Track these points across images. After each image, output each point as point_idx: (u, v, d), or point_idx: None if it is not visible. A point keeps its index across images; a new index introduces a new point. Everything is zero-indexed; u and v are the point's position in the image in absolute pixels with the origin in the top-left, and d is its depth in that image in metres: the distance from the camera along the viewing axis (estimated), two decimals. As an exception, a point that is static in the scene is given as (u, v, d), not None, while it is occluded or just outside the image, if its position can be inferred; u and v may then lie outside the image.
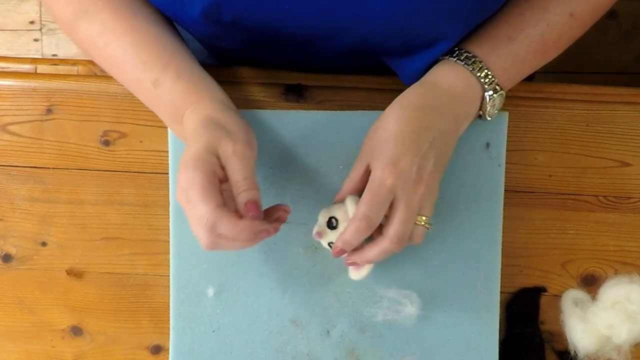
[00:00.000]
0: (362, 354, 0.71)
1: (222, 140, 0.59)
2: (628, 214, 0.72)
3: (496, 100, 0.65)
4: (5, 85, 0.72)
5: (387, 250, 0.60)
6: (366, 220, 0.59)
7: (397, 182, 0.59)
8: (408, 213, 0.59)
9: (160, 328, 0.73)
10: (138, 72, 0.63)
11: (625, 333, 0.69)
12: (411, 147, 0.60)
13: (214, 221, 0.55)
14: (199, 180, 0.56)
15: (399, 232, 0.59)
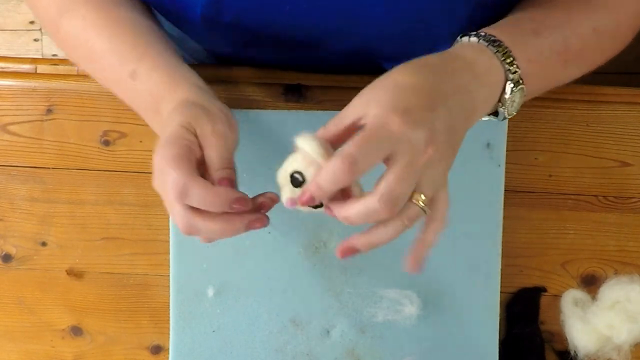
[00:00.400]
0: (362, 354, 0.70)
1: (200, 119, 0.55)
2: (628, 214, 0.72)
3: (516, 96, 0.56)
4: (5, 85, 0.72)
5: (372, 210, 0.48)
6: (350, 161, 0.47)
7: (406, 129, 0.47)
8: (409, 171, 0.48)
9: (160, 328, 0.73)
10: (116, 65, 0.61)
11: (625, 333, 0.69)
12: (426, 101, 0.49)
13: (184, 185, 0.50)
14: (173, 151, 0.52)
15: (391, 190, 0.48)
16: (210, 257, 0.70)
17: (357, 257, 0.70)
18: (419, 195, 0.50)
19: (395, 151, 0.48)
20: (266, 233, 0.69)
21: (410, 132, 0.48)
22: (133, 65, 0.60)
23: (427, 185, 0.50)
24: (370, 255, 0.70)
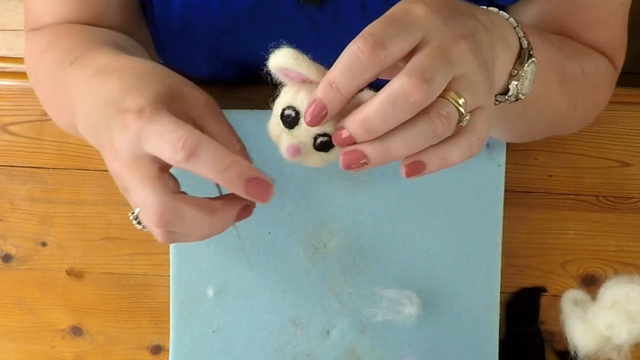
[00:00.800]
0: (362, 354, 0.70)
1: (186, 87, 0.45)
2: (628, 214, 0.72)
3: (528, 71, 0.48)
4: (5, 85, 0.72)
5: (400, 92, 0.38)
6: (375, 40, 0.37)
7: (432, 16, 0.40)
8: (440, 52, 0.39)
9: (160, 328, 0.73)
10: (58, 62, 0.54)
11: (625, 333, 0.69)
12: (449, 5, 0.43)
13: (197, 142, 0.40)
14: (167, 113, 0.42)
15: (423, 65, 0.38)
16: (210, 257, 0.70)
17: (358, 257, 0.70)
18: (456, 95, 0.40)
19: (425, 36, 0.40)
20: (266, 233, 0.69)
21: (439, 19, 0.40)
22: (78, 53, 0.53)
23: (467, 88, 0.40)
24: (370, 255, 0.70)
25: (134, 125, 0.41)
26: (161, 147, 0.40)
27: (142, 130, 0.41)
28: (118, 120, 0.42)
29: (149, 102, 0.42)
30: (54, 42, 0.60)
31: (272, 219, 0.69)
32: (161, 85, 0.43)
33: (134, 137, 0.41)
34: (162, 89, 0.43)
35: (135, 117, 0.41)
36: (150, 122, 0.40)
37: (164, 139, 0.40)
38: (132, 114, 0.41)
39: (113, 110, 0.42)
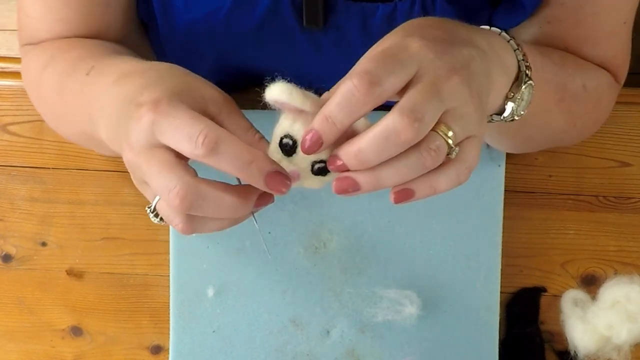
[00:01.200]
0: (362, 354, 0.70)
1: (202, 85, 0.45)
2: (628, 214, 0.72)
3: (525, 93, 0.49)
4: (5, 85, 0.72)
5: (392, 127, 0.39)
6: (370, 78, 0.39)
7: (426, 51, 0.41)
8: (431, 87, 0.40)
9: (160, 328, 0.73)
10: (69, 75, 0.56)
11: (625, 333, 0.69)
12: (444, 34, 0.44)
13: (217, 137, 0.40)
14: (183, 106, 0.41)
15: (414, 105, 0.39)
16: (210, 257, 0.70)
17: (358, 257, 0.70)
18: (446, 128, 0.41)
19: (418, 72, 0.41)
20: (266, 233, 0.69)
21: (432, 54, 0.41)
22: (93, 62, 0.54)
23: (456, 121, 0.41)
24: (371, 255, 0.70)
25: (148, 116, 0.41)
26: (179, 141, 0.40)
27: (157, 120, 0.41)
28: (134, 114, 0.42)
29: (166, 94, 0.42)
30: (57, 56, 0.60)
31: (272, 219, 0.69)
32: (179, 81, 0.44)
33: (148, 127, 0.41)
34: (180, 85, 0.44)
35: (150, 108, 0.41)
36: (166, 114, 0.41)
37: (182, 133, 0.40)
38: (147, 105, 0.41)
39: (131, 105, 0.43)
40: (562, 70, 0.58)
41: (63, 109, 0.59)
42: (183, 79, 0.45)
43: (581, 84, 0.60)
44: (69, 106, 0.57)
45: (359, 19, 0.62)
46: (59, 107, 0.60)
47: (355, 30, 0.62)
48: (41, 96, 0.63)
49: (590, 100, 0.61)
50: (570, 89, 0.59)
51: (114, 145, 0.47)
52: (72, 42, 0.62)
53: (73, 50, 0.60)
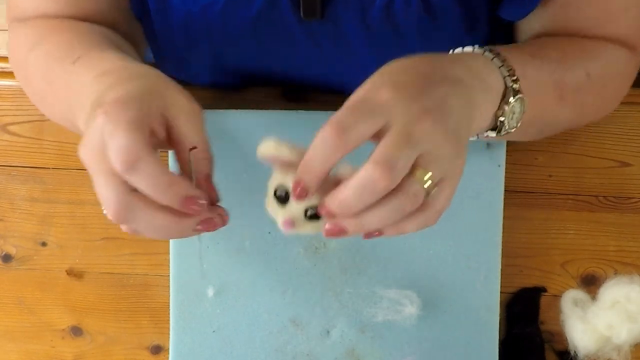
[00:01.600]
0: (362, 354, 0.71)
1: (170, 90, 0.46)
2: (628, 214, 0.72)
3: (516, 107, 0.52)
4: (5, 85, 0.72)
5: (369, 179, 0.42)
6: (339, 127, 0.42)
7: (396, 99, 0.43)
8: (403, 137, 0.43)
9: (160, 328, 0.73)
10: (63, 59, 0.55)
11: (625, 333, 0.69)
12: (418, 79, 0.46)
13: (137, 156, 0.41)
14: (129, 115, 0.42)
15: (387, 154, 0.42)
16: (210, 257, 0.70)
17: (358, 257, 0.70)
18: (423, 171, 0.44)
19: (388, 123, 0.43)
20: (266, 233, 0.69)
21: (402, 102, 0.43)
22: (79, 52, 0.54)
23: (432, 163, 0.44)
24: (371, 255, 0.70)
25: (100, 118, 0.42)
26: (110, 151, 0.42)
27: (104, 124, 0.42)
28: (94, 113, 0.43)
29: (123, 98, 0.43)
30: (46, 37, 0.60)
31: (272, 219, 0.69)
32: (144, 83, 0.45)
33: (99, 129, 0.42)
34: (145, 87, 0.45)
35: (103, 110, 0.42)
36: (111, 119, 0.42)
37: (113, 144, 0.41)
38: (103, 107, 0.43)
39: (95, 104, 0.44)
40: (560, 66, 0.59)
41: (48, 93, 0.59)
42: (151, 80, 0.46)
43: (584, 74, 0.60)
44: (53, 91, 0.57)
45: (358, 10, 0.61)
46: (44, 91, 0.60)
47: (353, 22, 0.62)
48: (27, 76, 0.63)
49: (594, 87, 0.61)
50: (570, 82, 0.59)
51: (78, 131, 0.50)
52: (62, 24, 0.62)
53: (62, 34, 0.60)
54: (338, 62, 0.60)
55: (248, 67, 0.65)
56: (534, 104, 0.54)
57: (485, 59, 0.52)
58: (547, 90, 0.57)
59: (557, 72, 0.58)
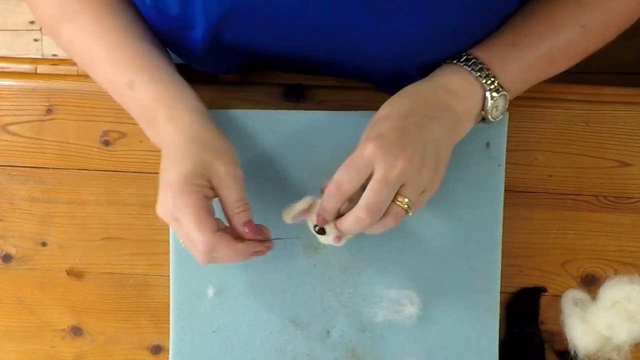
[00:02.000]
0: (362, 354, 0.71)
1: (213, 162, 0.59)
2: (628, 214, 0.72)
3: (499, 102, 0.64)
4: (5, 85, 0.72)
5: (360, 219, 0.59)
6: (337, 185, 0.59)
7: (377, 151, 0.58)
8: (383, 183, 0.58)
9: (160, 328, 0.73)
10: (111, 73, 0.63)
11: (625, 333, 0.69)
12: (397, 124, 0.59)
13: (212, 247, 0.57)
14: (191, 206, 0.57)
15: (370, 201, 0.58)
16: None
17: (358, 257, 0.70)
18: (403, 198, 0.59)
19: (373, 170, 0.58)
20: (266, 233, 0.69)
21: (381, 151, 0.58)
22: (130, 75, 0.62)
23: (410, 190, 0.59)
24: (371, 255, 0.70)
25: (169, 205, 0.58)
26: (186, 240, 0.60)
27: (174, 212, 0.58)
28: (162, 192, 0.59)
29: (179, 184, 0.57)
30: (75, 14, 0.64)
31: (272, 219, 0.69)
32: (192, 163, 0.58)
33: (171, 212, 0.58)
34: (191, 168, 0.58)
35: (171, 198, 0.57)
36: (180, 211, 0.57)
37: (188, 235, 0.58)
38: (170, 193, 0.57)
39: (161, 180, 0.59)
40: (546, 35, 0.64)
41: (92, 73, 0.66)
42: (197, 157, 0.58)
43: (578, 28, 0.64)
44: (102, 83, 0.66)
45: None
46: (89, 69, 0.66)
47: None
48: (62, 44, 0.67)
49: (591, 36, 0.65)
50: (560, 45, 0.64)
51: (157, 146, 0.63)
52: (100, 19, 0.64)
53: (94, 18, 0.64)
54: (337, 29, 0.60)
55: (245, 45, 0.64)
56: (523, 83, 0.66)
57: (462, 72, 0.63)
58: (533, 68, 0.65)
59: (542, 44, 0.64)
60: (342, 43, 0.61)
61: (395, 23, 0.58)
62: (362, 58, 0.63)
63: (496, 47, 0.64)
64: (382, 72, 0.66)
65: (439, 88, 0.62)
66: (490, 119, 0.65)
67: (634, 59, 1.21)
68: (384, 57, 0.62)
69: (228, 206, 0.59)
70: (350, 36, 0.60)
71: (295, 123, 0.69)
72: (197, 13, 0.60)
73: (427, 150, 0.59)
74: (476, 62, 0.63)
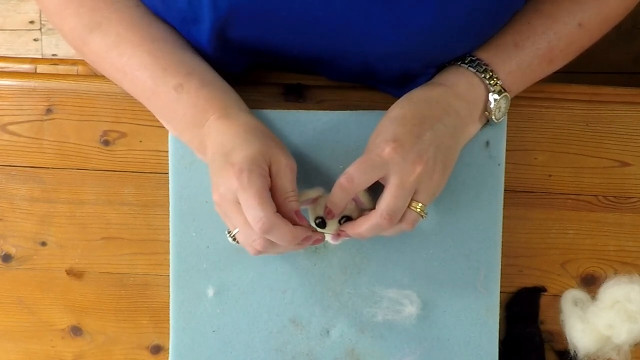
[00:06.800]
0: (362, 354, 0.71)
1: (275, 150, 0.60)
2: (628, 214, 0.72)
3: (502, 103, 0.65)
4: (5, 85, 0.72)
5: (378, 225, 0.60)
6: (348, 179, 0.59)
7: (395, 156, 0.59)
8: (401, 189, 0.59)
9: (160, 328, 0.73)
10: (157, 79, 0.63)
11: (625, 333, 0.69)
12: (414, 129, 0.60)
13: (271, 226, 0.57)
14: (257, 184, 0.57)
15: (390, 207, 0.59)
16: (210, 257, 0.70)
17: (358, 257, 0.70)
18: (417, 204, 0.61)
19: (389, 174, 0.59)
20: (266, 233, 0.69)
21: (399, 157, 0.59)
22: (180, 79, 0.62)
23: (424, 195, 0.61)
24: (371, 255, 0.70)
25: (233, 182, 0.57)
26: (247, 215, 0.58)
27: (239, 190, 0.57)
28: (224, 172, 0.58)
29: (247, 163, 0.57)
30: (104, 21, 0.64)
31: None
32: (259, 146, 0.59)
33: (233, 191, 0.57)
34: (259, 150, 0.59)
35: (235, 175, 0.57)
36: (244, 188, 0.57)
37: (250, 213, 0.57)
38: (233, 171, 0.57)
39: (223, 160, 0.59)
40: (546, 35, 0.65)
41: (123, 82, 0.66)
42: (263, 142, 0.60)
43: (575, 26, 0.65)
44: (135, 93, 0.66)
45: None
46: (120, 82, 0.66)
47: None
48: (88, 56, 0.67)
49: (588, 34, 0.67)
50: (559, 44, 0.66)
51: (195, 150, 0.65)
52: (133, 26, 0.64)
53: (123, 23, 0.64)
54: (346, 22, 0.60)
55: (252, 42, 0.63)
56: (524, 83, 0.67)
57: (467, 74, 0.64)
58: (534, 67, 0.66)
59: (543, 45, 0.65)
60: (352, 38, 0.61)
61: (405, 16, 0.59)
62: (370, 55, 0.63)
63: (499, 49, 0.65)
64: (390, 71, 0.66)
65: (448, 93, 0.64)
66: (494, 120, 0.66)
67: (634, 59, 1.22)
68: (392, 53, 0.62)
69: (283, 194, 0.59)
70: (360, 31, 0.60)
71: (295, 123, 0.69)
72: (204, 6, 0.59)
73: (439, 155, 0.61)
74: (480, 64, 0.64)
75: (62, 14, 0.65)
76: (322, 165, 0.69)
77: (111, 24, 0.64)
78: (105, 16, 0.64)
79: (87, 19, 0.64)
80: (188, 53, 0.65)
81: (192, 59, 0.64)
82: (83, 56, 0.67)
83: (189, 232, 0.70)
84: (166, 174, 0.71)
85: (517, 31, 0.65)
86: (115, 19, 0.64)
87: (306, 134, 0.69)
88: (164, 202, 0.72)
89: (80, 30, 0.65)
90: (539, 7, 0.66)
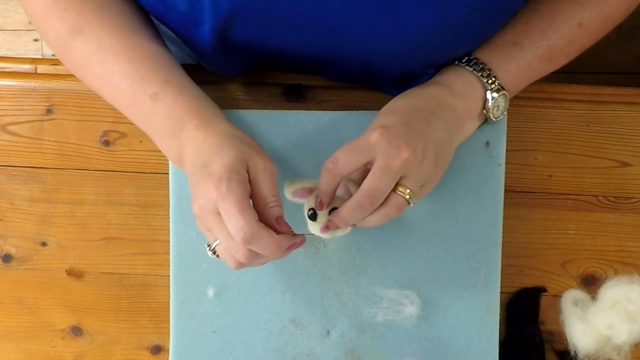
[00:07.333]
0: (362, 354, 0.71)
1: (252, 155, 0.59)
2: (628, 214, 0.72)
3: (500, 101, 0.65)
4: (5, 85, 0.72)
5: (359, 204, 0.59)
6: (333, 161, 0.59)
7: (381, 140, 0.58)
8: (384, 171, 0.58)
9: (160, 328, 0.73)
10: (135, 87, 0.62)
11: (625, 333, 0.69)
12: (403, 118, 0.60)
13: (252, 235, 0.55)
14: (236, 191, 0.56)
15: (371, 187, 0.58)
16: (210, 257, 0.70)
17: (358, 257, 0.70)
18: (404, 188, 0.60)
19: (374, 157, 0.59)
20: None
21: (385, 141, 0.58)
22: (156, 88, 0.61)
23: (412, 182, 0.60)
24: (371, 255, 0.70)
25: (212, 192, 0.56)
26: (228, 225, 0.56)
27: (218, 200, 0.56)
28: (202, 182, 0.57)
29: (225, 171, 0.56)
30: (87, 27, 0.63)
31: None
32: (234, 153, 0.58)
33: (212, 202, 0.56)
34: (235, 157, 0.57)
35: (214, 185, 0.56)
36: (223, 197, 0.55)
37: (230, 222, 0.55)
38: (212, 180, 0.56)
39: (202, 170, 0.58)
40: (545, 34, 0.65)
41: (111, 93, 0.64)
42: (239, 148, 0.59)
43: (575, 25, 0.65)
44: (115, 102, 0.65)
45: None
46: (100, 90, 0.65)
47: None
48: (70, 62, 0.66)
49: (588, 34, 0.67)
50: (559, 43, 0.66)
51: (173, 162, 0.64)
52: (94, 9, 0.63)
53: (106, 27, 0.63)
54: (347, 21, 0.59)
55: (253, 43, 0.64)
56: (522, 82, 0.67)
57: (464, 73, 0.64)
58: (532, 67, 0.66)
59: (542, 44, 0.65)
60: (352, 38, 0.61)
61: (405, 17, 0.59)
62: (371, 55, 0.63)
63: (497, 48, 0.65)
64: (390, 71, 0.66)
65: (444, 90, 0.64)
66: (492, 118, 0.66)
67: (634, 59, 1.22)
68: (392, 53, 0.62)
69: (262, 200, 0.58)
70: (361, 31, 0.60)
71: (295, 123, 0.69)
72: (204, 8, 0.59)
73: (430, 145, 0.60)
74: (477, 63, 0.65)
75: (46, 17, 0.64)
76: (321, 165, 0.69)
77: (93, 29, 0.63)
78: (88, 20, 0.63)
79: (70, 23, 0.63)
80: (168, 61, 0.64)
81: (171, 67, 0.63)
82: (65, 63, 0.66)
83: (189, 232, 0.70)
84: (166, 174, 0.71)
85: (516, 30, 0.66)
86: (98, 24, 0.63)
87: (306, 134, 0.69)
88: (164, 202, 0.72)
89: (63, 35, 0.64)
90: (538, 6, 0.66)
